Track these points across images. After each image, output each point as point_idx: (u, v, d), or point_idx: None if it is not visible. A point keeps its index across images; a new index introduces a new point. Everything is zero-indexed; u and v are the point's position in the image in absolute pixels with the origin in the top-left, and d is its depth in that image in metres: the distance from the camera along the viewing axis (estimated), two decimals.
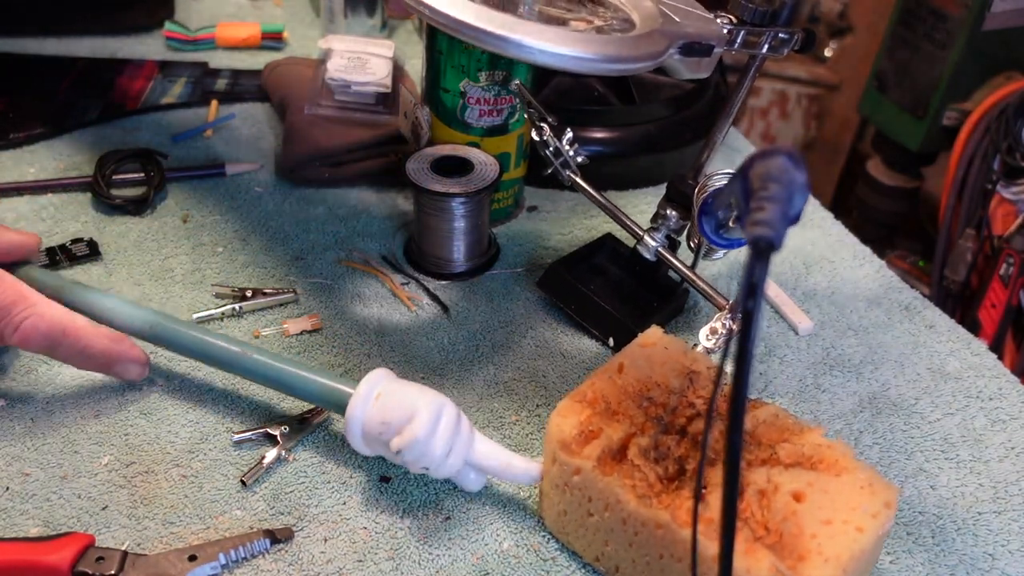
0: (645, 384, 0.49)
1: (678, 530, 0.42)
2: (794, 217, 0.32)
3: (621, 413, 0.47)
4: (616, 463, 0.45)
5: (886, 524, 0.42)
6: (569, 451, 0.46)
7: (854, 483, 0.43)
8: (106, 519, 0.49)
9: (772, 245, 0.30)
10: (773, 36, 0.56)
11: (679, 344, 0.51)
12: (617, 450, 0.46)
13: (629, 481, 0.44)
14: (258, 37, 0.94)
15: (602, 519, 0.45)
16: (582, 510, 0.46)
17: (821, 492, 0.43)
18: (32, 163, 0.75)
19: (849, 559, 0.40)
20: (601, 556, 0.47)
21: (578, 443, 0.46)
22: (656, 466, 0.44)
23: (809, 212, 0.78)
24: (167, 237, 0.68)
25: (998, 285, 0.98)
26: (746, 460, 0.44)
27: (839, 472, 0.44)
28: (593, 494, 0.45)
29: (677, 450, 0.45)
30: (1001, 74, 1.07)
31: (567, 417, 0.47)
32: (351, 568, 0.47)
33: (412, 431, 0.46)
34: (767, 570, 0.39)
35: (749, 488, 0.42)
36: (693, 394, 0.48)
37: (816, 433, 0.46)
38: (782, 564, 0.39)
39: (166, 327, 0.54)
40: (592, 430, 0.46)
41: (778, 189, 0.31)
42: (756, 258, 0.30)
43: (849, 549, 0.40)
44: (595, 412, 0.47)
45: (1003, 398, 0.61)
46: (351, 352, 0.60)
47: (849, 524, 0.41)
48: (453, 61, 0.66)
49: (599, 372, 0.50)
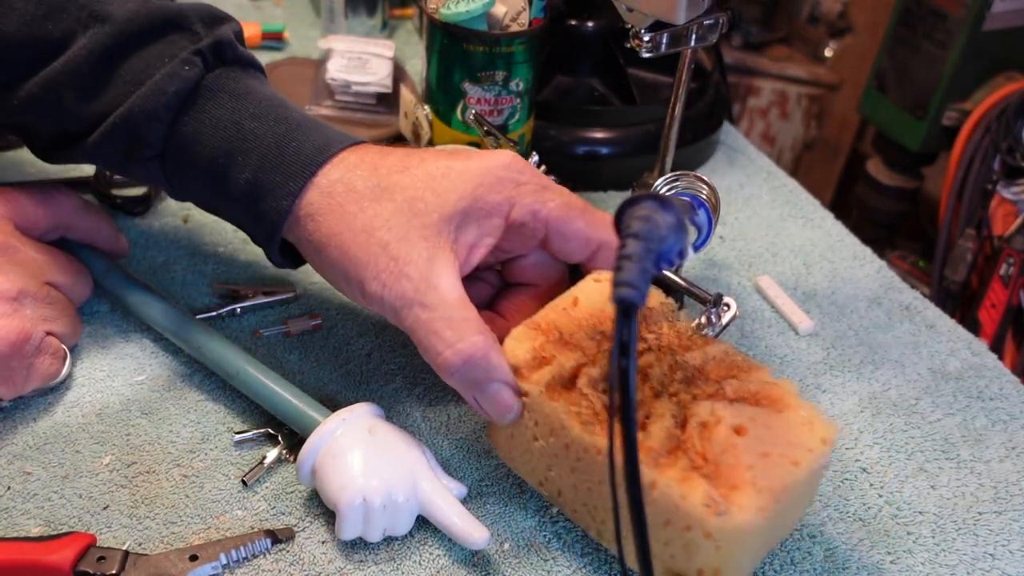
0: (599, 318, 0.49)
1: (616, 457, 0.43)
2: (674, 256, 0.35)
3: (573, 344, 0.48)
4: (565, 391, 0.46)
5: (821, 459, 0.44)
6: (520, 375, 0.47)
7: (795, 419, 0.44)
8: (107, 519, 0.49)
9: (635, 304, 0.32)
10: (698, 27, 0.56)
11: None
12: (567, 378, 0.46)
13: (575, 408, 0.45)
14: (258, 37, 0.94)
15: (547, 444, 0.46)
16: (528, 434, 0.47)
17: (763, 427, 0.44)
18: (32, 163, 0.75)
19: (781, 490, 0.41)
20: (544, 481, 0.48)
21: (529, 368, 0.47)
22: (604, 396, 0.45)
23: (809, 212, 0.78)
24: (167, 237, 0.68)
25: (998, 285, 0.97)
26: (692, 394, 0.45)
27: (782, 409, 0.45)
28: (539, 419, 0.46)
29: None
30: (1001, 74, 1.07)
31: (521, 342, 0.48)
32: (352, 568, 0.47)
33: (337, 529, 0.47)
34: (701, 497, 0.40)
35: (692, 420, 0.43)
36: (645, 329, 0.49)
37: (764, 371, 0.47)
38: (716, 492, 0.40)
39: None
40: (544, 356, 0.47)
41: (636, 245, 0.33)
42: (622, 318, 0.31)
43: (782, 480, 0.42)
44: (548, 340, 0.48)
45: (1003, 398, 0.61)
46: (352, 352, 0.60)
47: (786, 458, 0.42)
48: (453, 61, 0.66)
49: (553, 304, 0.50)
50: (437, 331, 0.46)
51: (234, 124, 0.51)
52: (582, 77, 0.81)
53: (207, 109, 0.51)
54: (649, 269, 0.33)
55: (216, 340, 0.55)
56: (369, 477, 0.47)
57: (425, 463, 0.49)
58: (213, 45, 0.52)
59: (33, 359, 0.52)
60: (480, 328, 0.46)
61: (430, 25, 0.66)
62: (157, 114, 0.51)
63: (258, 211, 0.51)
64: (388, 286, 0.47)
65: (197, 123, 0.51)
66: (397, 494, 0.47)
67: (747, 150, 0.86)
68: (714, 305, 0.55)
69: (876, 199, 1.22)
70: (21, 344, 0.50)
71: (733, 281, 0.70)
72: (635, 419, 0.32)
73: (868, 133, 1.43)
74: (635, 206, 0.34)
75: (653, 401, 0.45)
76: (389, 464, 0.47)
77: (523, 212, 0.50)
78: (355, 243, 0.48)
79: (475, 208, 0.49)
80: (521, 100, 0.68)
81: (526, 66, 0.67)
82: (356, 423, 0.49)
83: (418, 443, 0.50)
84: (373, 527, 0.47)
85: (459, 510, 0.47)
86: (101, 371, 0.57)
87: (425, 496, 0.47)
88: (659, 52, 0.56)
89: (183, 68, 0.51)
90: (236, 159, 0.51)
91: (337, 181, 0.49)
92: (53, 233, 0.58)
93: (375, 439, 0.48)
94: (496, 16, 0.65)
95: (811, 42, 1.57)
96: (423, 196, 0.48)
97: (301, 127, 0.52)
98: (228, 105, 0.52)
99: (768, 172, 0.83)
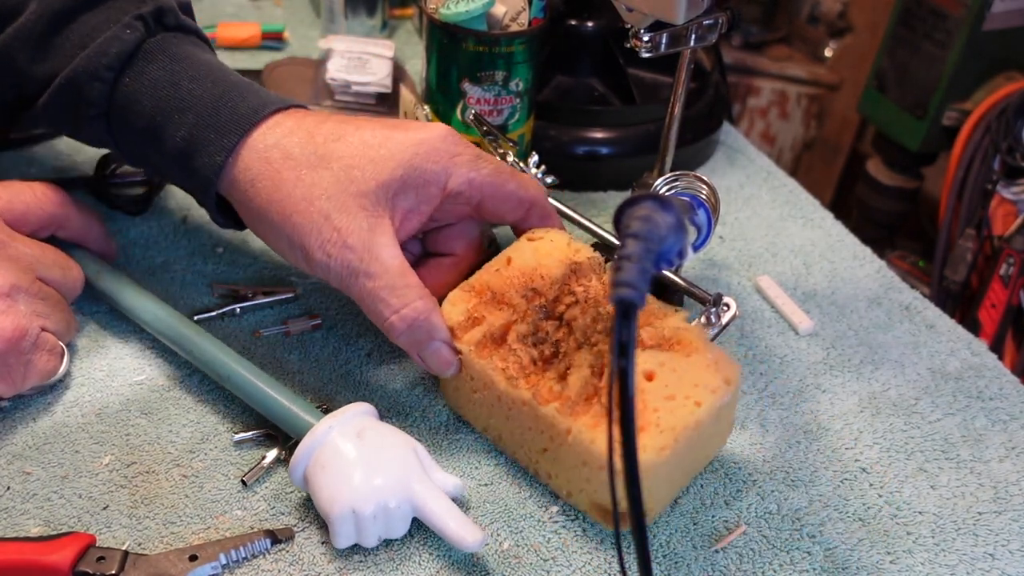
0: (530, 276, 0.53)
1: (537, 407, 0.48)
2: (674, 256, 0.36)
3: (505, 302, 0.52)
4: (496, 347, 0.50)
5: (724, 398, 0.47)
6: (454, 335, 0.51)
7: (701, 362, 0.48)
8: (107, 519, 0.49)
9: (634, 304, 0.32)
10: (698, 27, 0.56)
11: (564, 237, 0.55)
12: (499, 336, 0.51)
13: (502, 364, 0.49)
14: (258, 37, 0.94)
15: (483, 396, 0.51)
16: (467, 388, 0.52)
17: (670, 371, 0.47)
18: (32, 163, 0.75)
19: (683, 429, 0.45)
20: (487, 427, 0.53)
21: (462, 328, 0.51)
22: (532, 349, 0.49)
23: (809, 212, 0.78)
24: (166, 237, 0.68)
25: (998, 285, 0.97)
26: (609, 344, 0.48)
27: (690, 353, 0.48)
28: (473, 374, 0.51)
29: (555, 334, 0.50)
30: (1001, 74, 1.07)
31: (456, 305, 0.52)
32: (351, 568, 0.47)
33: (331, 539, 0.47)
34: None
35: (607, 370, 0.47)
36: (575, 283, 0.52)
37: (678, 317, 0.50)
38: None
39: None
40: (477, 317, 0.51)
41: (635, 245, 0.34)
42: (621, 318, 0.32)
43: (684, 421, 0.45)
44: (481, 301, 0.52)
45: (1003, 398, 0.61)
46: (352, 352, 0.60)
47: (690, 399, 0.46)
48: (453, 61, 0.66)
49: (488, 265, 0.54)
50: (383, 298, 0.50)
51: (172, 85, 0.54)
52: (582, 77, 0.81)
53: (147, 71, 0.54)
54: (649, 269, 0.33)
55: (208, 343, 0.55)
56: (357, 487, 0.46)
57: (417, 464, 0.48)
58: (155, 11, 0.55)
59: (30, 355, 0.52)
60: (421, 293, 0.51)
61: (430, 25, 0.66)
62: (99, 74, 0.53)
63: (192, 167, 0.53)
64: (333, 256, 0.50)
65: (137, 83, 0.54)
66: (388, 500, 0.46)
67: (747, 150, 0.86)
68: (714, 305, 0.55)
69: (876, 199, 1.22)
70: (18, 340, 0.50)
71: (733, 281, 0.70)
72: (635, 419, 0.32)
73: (868, 133, 1.43)
74: (635, 206, 0.34)
75: (575, 352, 0.48)
76: (378, 470, 0.47)
77: (460, 181, 0.53)
78: (296, 211, 0.51)
79: (413, 176, 0.51)
80: (521, 100, 0.68)
81: (526, 66, 0.67)
82: (344, 429, 0.48)
83: (410, 442, 0.49)
84: (366, 535, 0.46)
85: (453, 512, 0.47)
86: (100, 371, 0.57)
87: (417, 499, 0.47)
88: (659, 52, 0.56)
89: (124, 32, 0.54)
90: (173, 118, 0.53)
91: (273, 146, 0.52)
92: (44, 231, 0.58)
93: (364, 443, 0.48)
94: (496, 16, 0.65)
95: (811, 42, 1.57)
96: (360, 164, 0.51)
97: (237, 88, 0.54)
98: (167, 67, 0.54)
99: (768, 172, 0.83)
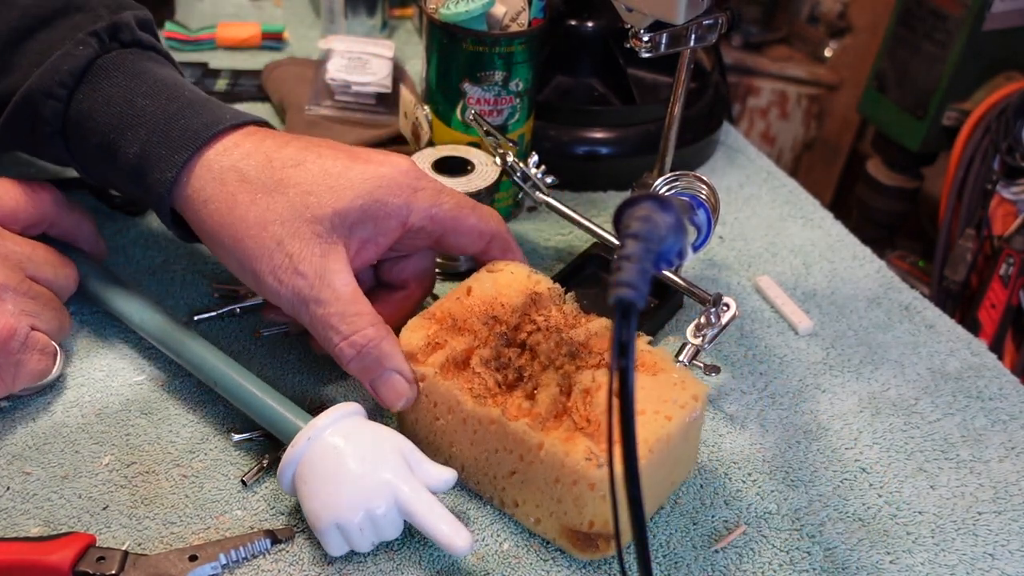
0: (490, 304, 0.53)
1: (507, 424, 0.47)
2: (674, 256, 0.36)
3: (467, 329, 0.51)
4: (459, 370, 0.50)
5: (693, 413, 0.48)
6: (415, 360, 0.50)
7: (668, 381, 0.49)
8: (107, 519, 0.49)
9: (634, 305, 0.32)
10: (697, 27, 0.56)
11: (524, 269, 0.56)
12: (461, 360, 0.50)
13: (468, 385, 0.48)
14: (258, 37, 0.94)
15: (447, 422, 0.50)
16: (430, 416, 0.51)
17: (639, 388, 0.48)
18: (31, 163, 0.75)
19: (655, 442, 0.46)
20: (449, 458, 0.51)
21: (424, 353, 0.50)
22: (496, 374, 0.49)
23: (809, 212, 0.78)
24: (166, 237, 0.68)
25: (998, 285, 0.97)
26: (576, 365, 0.49)
27: (656, 372, 0.49)
28: (437, 399, 0.50)
29: (518, 361, 0.50)
30: (1001, 74, 1.07)
31: (415, 331, 0.51)
32: (351, 569, 0.47)
33: (324, 547, 0.47)
34: (582, 452, 0.45)
35: (575, 388, 0.47)
36: (536, 313, 0.52)
37: (640, 340, 0.51)
38: (596, 447, 0.45)
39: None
40: (438, 342, 0.51)
41: (635, 246, 0.34)
42: (621, 318, 0.32)
43: (655, 434, 0.46)
44: (442, 328, 0.51)
45: (1003, 398, 0.61)
46: None
47: (659, 414, 0.47)
48: (453, 61, 0.66)
49: (448, 295, 0.54)
50: (333, 325, 0.49)
51: (126, 101, 0.53)
52: (582, 77, 0.81)
53: (101, 87, 0.54)
54: (648, 269, 0.33)
55: (197, 346, 0.54)
56: (340, 500, 0.45)
57: (404, 465, 0.47)
58: (110, 27, 0.55)
59: (20, 355, 0.51)
60: (372, 321, 0.50)
61: (430, 25, 0.66)
62: (52, 91, 0.53)
63: (146, 184, 0.52)
64: (284, 282, 0.49)
65: (91, 100, 0.53)
66: (375, 507, 0.45)
67: (747, 150, 0.86)
68: (714, 305, 0.55)
69: (876, 199, 1.22)
70: (6, 340, 0.50)
71: (733, 281, 0.70)
72: (635, 419, 0.32)
73: (868, 133, 1.43)
74: (634, 206, 0.34)
75: (541, 374, 0.49)
76: (363, 478, 0.46)
77: (421, 216, 0.53)
78: (248, 235, 0.50)
79: (373, 208, 0.51)
80: (521, 100, 0.68)
81: (526, 66, 0.67)
82: (326, 436, 0.47)
83: (397, 441, 0.48)
84: (357, 543, 0.46)
85: (442, 515, 0.45)
86: (100, 371, 0.57)
87: (404, 504, 0.46)
88: (659, 52, 0.56)
89: (77, 48, 0.54)
90: (126, 134, 0.53)
91: (229, 168, 0.51)
92: (35, 229, 0.57)
93: (348, 450, 0.46)
94: (496, 16, 0.65)
95: (811, 42, 1.57)
96: (317, 191, 0.50)
97: (192, 105, 0.54)
98: (122, 83, 0.54)
99: (768, 172, 0.83)
